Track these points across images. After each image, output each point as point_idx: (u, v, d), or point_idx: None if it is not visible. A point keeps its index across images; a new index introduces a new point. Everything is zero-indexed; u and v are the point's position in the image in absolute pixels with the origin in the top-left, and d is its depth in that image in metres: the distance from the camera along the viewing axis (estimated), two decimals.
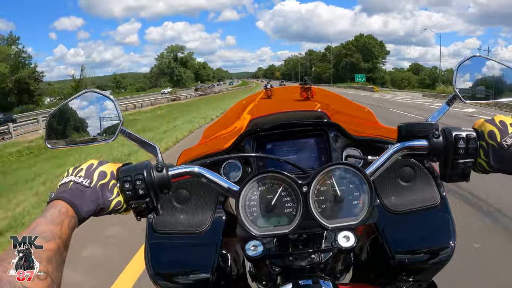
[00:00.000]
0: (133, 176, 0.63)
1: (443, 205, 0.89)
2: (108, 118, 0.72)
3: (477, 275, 2.28)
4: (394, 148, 0.70)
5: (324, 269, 0.77)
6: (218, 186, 0.70)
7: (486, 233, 3.01)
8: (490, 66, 0.78)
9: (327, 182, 0.66)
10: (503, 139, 0.63)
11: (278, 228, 0.65)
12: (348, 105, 1.44)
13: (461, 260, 1.21)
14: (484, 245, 2.67)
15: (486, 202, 3.67)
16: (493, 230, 3.10)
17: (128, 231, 3.10)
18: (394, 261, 0.84)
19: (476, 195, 3.81)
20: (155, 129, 12.19)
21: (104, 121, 0.72)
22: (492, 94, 0.79)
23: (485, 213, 3.45)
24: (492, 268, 2.39)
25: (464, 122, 9.30)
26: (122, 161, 1.45)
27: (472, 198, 3.76)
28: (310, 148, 0.96)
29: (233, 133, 0.99)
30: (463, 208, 3.54)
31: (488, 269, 2.38)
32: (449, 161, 0.66)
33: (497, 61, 0.78)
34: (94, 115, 0.72)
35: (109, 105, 0.71)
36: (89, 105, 0.72)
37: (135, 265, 2.67)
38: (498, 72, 0.79)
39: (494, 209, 3.50)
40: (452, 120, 8.30)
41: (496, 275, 2.28)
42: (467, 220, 3.20)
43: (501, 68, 0.78)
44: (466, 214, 3.38)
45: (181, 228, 0.90)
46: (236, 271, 0.97)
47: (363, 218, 0.65)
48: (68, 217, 0.56)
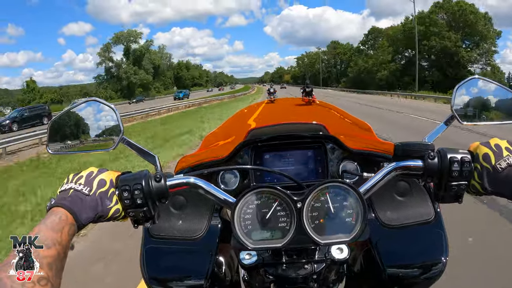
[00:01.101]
0: (131, 185, 0.64)
1: (437, 221, 0.90)
2: (109, 127, 0.73)
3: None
4: (389, 167, 0.71)
5: (317, 280, 0.78)
6: (215, 197, 0.71)
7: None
8: (489, 89, 0.78)
9: (321, 199, 0.67)
10: (497, 162, 0.63)
11: (271, 242, 0.67)
12: (347, 118, 1.45)
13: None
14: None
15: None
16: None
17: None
18: (386, 274, 0.85)
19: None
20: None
21: (105, 130, 0.73)
22: (491, 117, 0.79)
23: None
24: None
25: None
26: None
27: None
28: (308, 160, 0.97)
29: (232, 142, 1.01)
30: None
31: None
32: (443, 182, 0.67)
33: (496, 84, 0.78)
34: (96, 124, 0.74)
35: (111, 114, 0.72)
36: (91, 114, 0.73)
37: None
38: (497, 94, 0.79)
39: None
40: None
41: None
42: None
43: (500, 91, 0.78)
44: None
45: (177, 234, 0.92)
46: (230, 277, 0.98)
47: (355, 235, 0.66)
48: (68, 225, 0.57)
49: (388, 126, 9.87)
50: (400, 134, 8.30)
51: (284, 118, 1.58)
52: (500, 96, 0.79)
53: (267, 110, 1.66)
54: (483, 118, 0.79)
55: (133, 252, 1.03)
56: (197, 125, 12.63)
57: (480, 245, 2.75)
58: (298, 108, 1.67)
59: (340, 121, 1.37)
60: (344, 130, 1.21)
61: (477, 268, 2.44)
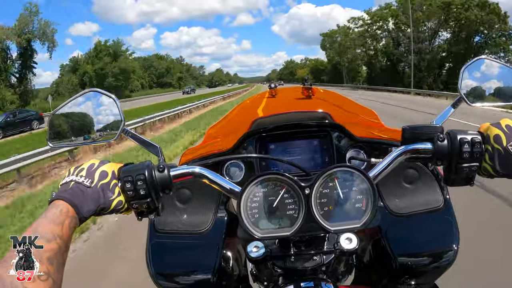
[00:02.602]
0: (134, 176, 0.63)
1: (446, 208, 0.88)
2: (110, 117, 0.71)
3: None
4: (398, 151, 0.69)
5: (326, 271, 0.77)
6: (220, 187, 0.70)
7: None
8: (497, 69, 0.77)
9: (329, 185, 0.65)
10: (508, 143, 0.62)
11: (279, 230, 0.65)
12: (352, 106, 1.43)
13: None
14: None
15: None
16: None
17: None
18: (397, 263, 0.83)
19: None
20: None
21: (106, 120, 0.72)
22: (499, 97, 0.77)
23: None
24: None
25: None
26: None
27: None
28: (313, 149, 0.96)
29: (236, 134, 0.99)
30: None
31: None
32: (453, 165, 0.66)
33: (504, 64, 0.77)
34: (96, 115, 0.72)
35: (112, 105, 0.71)
36: (92, 105, 0.72)
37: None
38: (504, 74, 0.77)
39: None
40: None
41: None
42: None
43: (508, 71, 0.77)
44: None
45: (183, 228, 0.90)
46: (238, 271, 0.97)
47: (366, 221, 0.64)
48: (69, 217, 0.56)
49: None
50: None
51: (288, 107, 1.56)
52: (507, 76, 0.77)
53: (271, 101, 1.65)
54: (490, 99, 0.77)
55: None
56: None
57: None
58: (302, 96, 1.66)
59: (346, 109, 1.35)
60: (350, 118, 1.20)
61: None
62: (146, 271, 0.88)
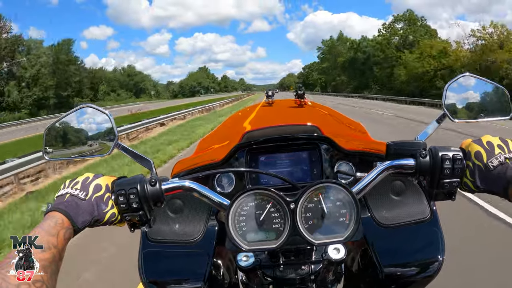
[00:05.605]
0: (127, 189, 0.65)
1: (433, 219, 0.90)
2: (104, 132, 0.74)
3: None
4: (382, 167, 0.71)
5: (315, 280, 0.78)
6: (209, 200, 0.72)
7: None
8: (480, 86, 0.79)
9: (314, 199, 0.67)
10: (489, 160, 0.63)
11: (266, 243, 0.67)
12: (340, 119, 1.46)
13: None
14: None
15: None
16: None
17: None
18: (383, 274, 0.85)
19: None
20: None
21: (100, 135, 0.74)
22: (483, 113, 0.79)
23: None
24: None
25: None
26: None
27: None
28: (303, 161, 0.98)
29: (227, 145, 1.01)
30: None
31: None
32: (435, 180, 0.68)
33: (486, 80, 0.78)
34: (90, 130, 0.74)
35: (105, 120, 0.73)
36: (86, 120, 0.74)
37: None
38: (488, 91, 0.79)
39: None
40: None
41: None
42: None
43: (491, 88, 0.79)
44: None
45: (174, 237, 0.92)
46: (228, 279, 0.99)
47: (349, 235, 0.66)
48: (64, 228, 0.58)
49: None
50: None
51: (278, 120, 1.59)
52: (491, 92, 0.79)
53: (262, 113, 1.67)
54: (474, 115, 0.79)
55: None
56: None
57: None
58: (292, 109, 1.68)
59: (334, 122, 1.38)
60: (338, 130, 1.22)
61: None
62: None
